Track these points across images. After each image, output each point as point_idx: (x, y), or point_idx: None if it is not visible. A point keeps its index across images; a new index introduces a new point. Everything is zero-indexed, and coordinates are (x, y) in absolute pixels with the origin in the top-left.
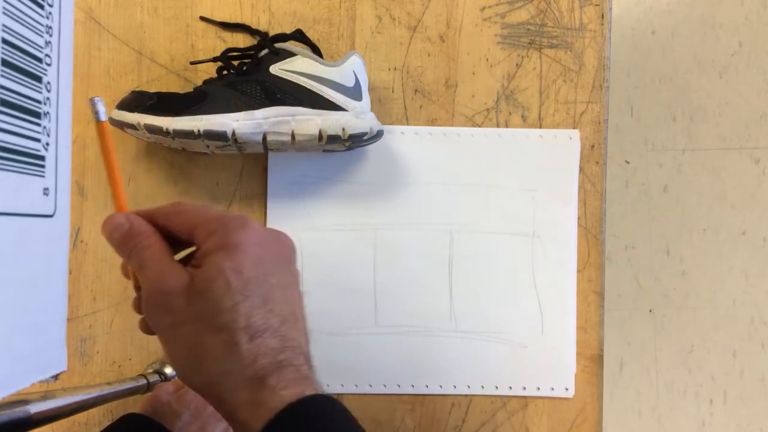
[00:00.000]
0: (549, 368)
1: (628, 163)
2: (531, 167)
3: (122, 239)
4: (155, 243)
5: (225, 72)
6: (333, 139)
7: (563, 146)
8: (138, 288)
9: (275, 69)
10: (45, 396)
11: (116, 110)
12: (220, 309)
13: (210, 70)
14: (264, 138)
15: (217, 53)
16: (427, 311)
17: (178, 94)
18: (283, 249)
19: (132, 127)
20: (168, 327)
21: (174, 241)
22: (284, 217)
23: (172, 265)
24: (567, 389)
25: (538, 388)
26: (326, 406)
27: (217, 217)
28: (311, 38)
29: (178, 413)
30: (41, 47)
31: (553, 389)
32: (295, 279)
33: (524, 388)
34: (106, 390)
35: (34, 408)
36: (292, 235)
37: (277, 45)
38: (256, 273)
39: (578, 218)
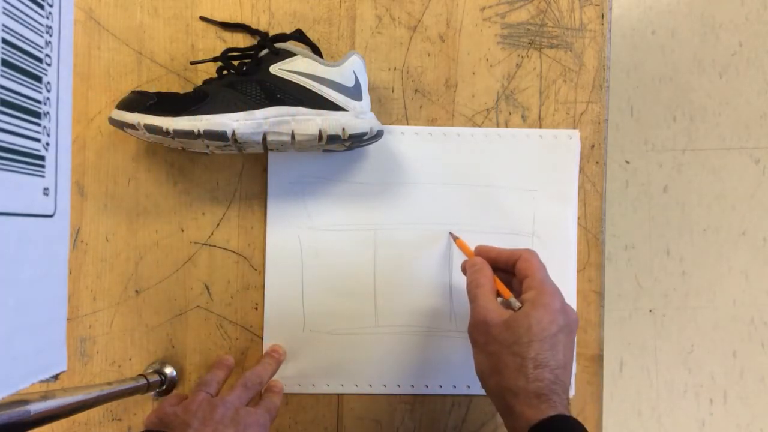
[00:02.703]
0: None
1: (628, 163)
2: (531, 167)
3: (470, 273)
4: (487, 284)
5: (225, 72)
6: (333, 139)
7: (563, 146)
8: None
9: (275, 69)
10: (45, 396)
11: (116, 110)
12: (520, 342)
13: (210, 70)
14: (264, 138)
15: (217, 53)
16: (427, 311)
17: (178, 94)
18: (572, 321)
19: (132, 127)
20: (482, 344)
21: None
22: (284, 217)
23: (495, 302)
24: None
25: None
26: (579, 427)
27: (541, 278)
28: (311, 38)
29: (186, 422)
30: (41, 47)
31: None
32: (573, 343)
33: None
34: (106, 390)
35: (34, 408)
36: (292, 234)
37: (277, 45)
38: (551, 328)
39: (578, 218)
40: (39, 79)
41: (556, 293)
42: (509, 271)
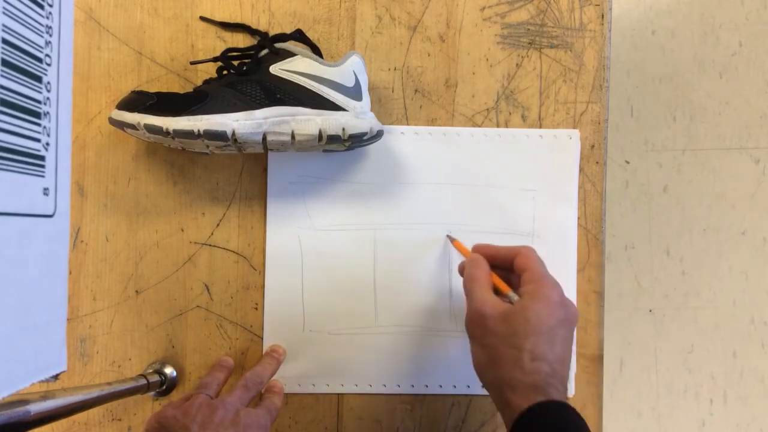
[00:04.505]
0: None
1: (628, 163)
2: (531, 167)
3: (468, 267)
4: (483, 278)
5: (225, 72)
6: (333, 139)
7: (563, 146)
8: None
9: (275, 69)
10: (45, 396)
11: (116, 110)
12: (517, 334)
13: (210, 70)
14: (264, 138)
15: (217, 53)
16: (427, 311)
17: (178, 94)
18: (571, 315)
19: (132, 127)
20: (479, 337)
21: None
22: (284, 217)
23: (491, 295)
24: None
25: None
26: (572, 411)
27: (540, 272)
28: (311, 38)
29: (186, 426)
30: (41, 47)
31: None
32: (572, 337)
33: None
34: (106, 390)
35: (34, 408)
36: (291, 234)
37: (277, 45)
38: (549, 321)
39: (578, 218)
40: (39, 79)
41: (556, 286)
42: (507, 268)
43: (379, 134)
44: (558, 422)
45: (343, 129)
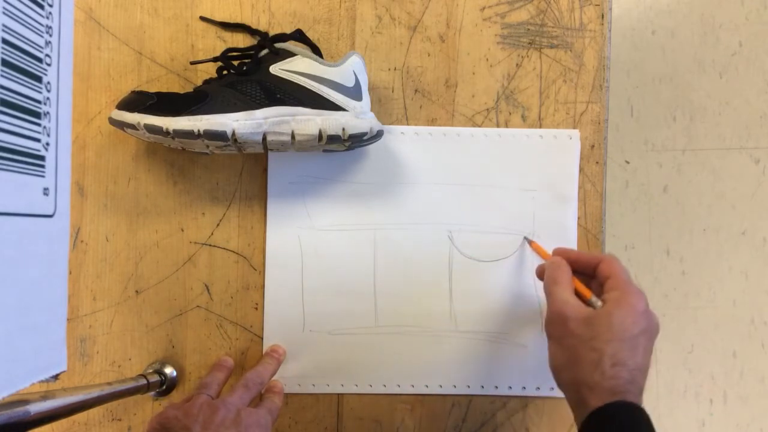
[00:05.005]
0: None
1: (628, 163)
2: (531, 167)
3: (549, 269)
4: (565, 280)
5: (225, 72)
6: (333, 139)
7: (563, 146)
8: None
9: (275, 69)
10: (45, 396)
11: (116, 110)
12: (600, 338)
13: (210, 70)
14: (264, 138)
15: (217, 53)
16: (427, 311)
17: (178, 94)
18: (653, 326)
19: (132, 127)
20: (559, 337)
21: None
22: (284, 217)
23: (574, 297)
24: None
25: (538, 388)
26: (644, 414)
27: (624, 279)
28: (311, 38)
29: (187, 426)
30: (41, 47)
31: (552, 389)
32: (652, 347)
33: (524, 387)
34: (106, 390)
35: (34, 408)
36: (292, 234)
37: (277, 45)
38: (632, 330)
39: (578, 218)
40: (39, 79)
41: (641, 295)
42: (588, 274)
43: (379, 134)
44: (629, 422)
45: (343, 129)
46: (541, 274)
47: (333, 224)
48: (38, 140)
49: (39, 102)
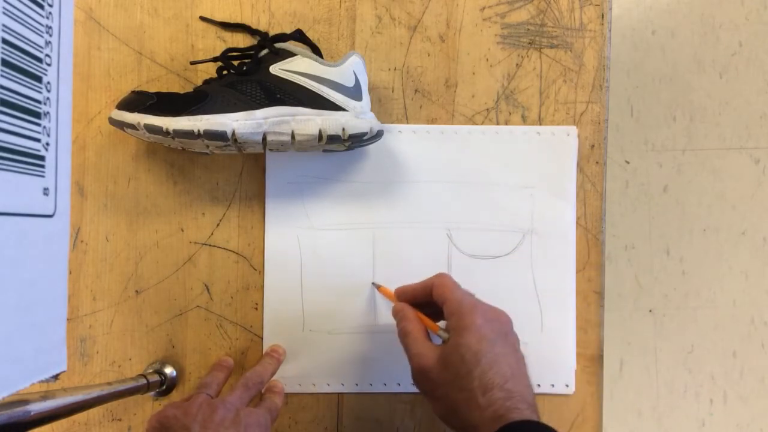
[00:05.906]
0: (549, 365)
1: (628, 163)
2: (529, 164)
3: (397, 321)
4: (413, 329)
5: (225, 72)
6: (333, 139)
7: (561, 143)
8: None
9: (275, 69)
10: (45, 396)
11: (116, 110)
12: (460, 376)
13: (210, 70)
14: (264, 138)
15: (217, 53)
16: None
17: (178, 94)
18: (502, 325)
19: (132, 127)
20: (429, 390)
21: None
22: (283, 217)
23: (425, 345)
24: (567, 386)
25: (539, 385)
26: (539, 427)
27: (456, 299)
28: (311, 38)
29: (187, 426)
30: (41, 47)
31: (553, 386)
32: (514, 346)
33: None
34: (106, 390)
35: (34, 408)
36: (291, 234)
37: (277, 45)
38: (482, 346)
39: (578, 218)
40: (39, 79)
41: (475, 307)
42: (432, 302)
43: (379, 134)
44: None
45: (343, 129)
46: (396, 315)
47: (331, 224)
48: (38, 140)
49: (39, 102)
